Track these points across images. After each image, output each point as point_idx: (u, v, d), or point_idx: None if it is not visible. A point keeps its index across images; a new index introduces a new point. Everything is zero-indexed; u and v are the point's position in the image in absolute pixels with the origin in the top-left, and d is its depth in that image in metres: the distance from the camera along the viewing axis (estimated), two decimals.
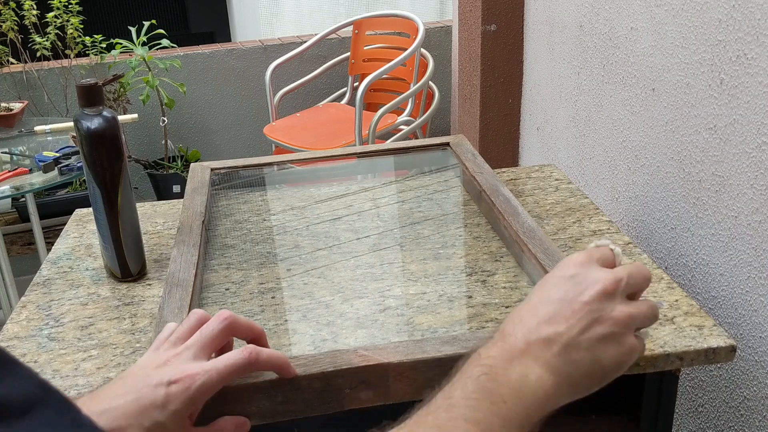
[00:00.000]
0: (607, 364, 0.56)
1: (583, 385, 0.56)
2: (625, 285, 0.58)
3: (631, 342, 0.58)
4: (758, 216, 0.99)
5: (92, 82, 0.89)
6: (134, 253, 0.96)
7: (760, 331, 1.01)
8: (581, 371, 0.55)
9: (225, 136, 3.39)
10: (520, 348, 0.55)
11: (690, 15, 1.10)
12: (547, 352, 0.55)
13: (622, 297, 0.58)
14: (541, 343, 0.55)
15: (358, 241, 1.02)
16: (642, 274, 0.60)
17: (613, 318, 0.57)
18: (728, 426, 1.11)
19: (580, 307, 0.56)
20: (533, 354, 0.55)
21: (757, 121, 0.97)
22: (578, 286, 0.57)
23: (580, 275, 0.58)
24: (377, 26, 3.17)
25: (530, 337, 0.55)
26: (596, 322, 0.56)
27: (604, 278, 0.58)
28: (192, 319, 0.64)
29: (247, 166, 1.22)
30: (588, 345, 0.56)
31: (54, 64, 3.10)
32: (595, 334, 0.56)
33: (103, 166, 0.90)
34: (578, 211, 1.09)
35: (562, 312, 0.56)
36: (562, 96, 1.64)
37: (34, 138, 2.39)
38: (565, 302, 0.57)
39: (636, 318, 0.58)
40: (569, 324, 0.56)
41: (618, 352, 0.57)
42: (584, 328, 0.56)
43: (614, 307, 0.57)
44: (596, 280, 0.58)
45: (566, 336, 0.55)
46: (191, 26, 8.91)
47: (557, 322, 0.56)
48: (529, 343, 0.55)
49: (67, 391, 0.75)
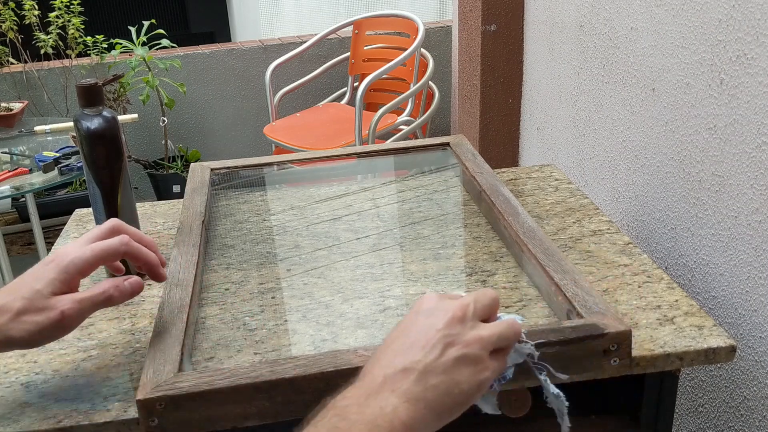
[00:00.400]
0: (465, 385, 0.58)
1: (444, 408, 0.57)
2: (473, 309, 0.61)
3: (487, 363, 0.60)
4: (758, 216, 0.99)
5: (92, 82, 0.89)
6: None
7: (760, 331, 1.01)
8: (440, 395, 0.57)
9: (225, 136, 3.39)
10: (378, 383, 0.57)
11: (690, 15, 1.10)
12: (405, 382, 0.56)
13: (474, 321, 0.61)
14: (399, 374, 0.57)
15: (358, 241, 1.02)
16: (488, 296, 0.64)
17: (465, 341, 0.59)
18: (728, 426, 1.11)
19: (433, 335, 0.59)
20: (390, 387, 0.56)
21: (757, 121, 0.97)
22: (430, 318, 0.60)
23: (431, 308, 0.61)
24: (377, 26, 3.16)
25: (387, 371, 0.57)
26: (450, 346, 0.58)
27: (454, 306, 0.61)
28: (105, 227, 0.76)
29: (247, 166, 1.22)
30: (444, 369, 0.57)
31: (54, 64, 3.10)
32: (449, 357, 0.58)
33: (103, 166, 0.90)
34: (578, 211, 1.09)
35: (417, 342, 0.59)
36: (562, 96, 1.64)
37: (34, 138, 2.39)
38: (420, 333, 0.59)
39: (488, 338, 0.60)
40: (424, 351, 0.58)
41: (474, 372, 0.59)
42: (439, 353, 0.58)
43: (466, 331, 0.60)
44: (447, 308, 0.61)
45: (422, 363, 0.57)
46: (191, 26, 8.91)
47: (413, 352, 0.58)
48: (386, 377, 0.57)
49: (67, 391, 0.76)
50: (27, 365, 0.80)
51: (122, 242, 0.74)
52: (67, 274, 0.70)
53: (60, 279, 0.70)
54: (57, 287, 0.70)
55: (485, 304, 0.63)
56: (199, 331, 0.83)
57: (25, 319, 0.68)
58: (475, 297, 0.63)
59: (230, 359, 0.77)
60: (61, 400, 0.74)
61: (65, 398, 0.74)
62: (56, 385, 0.76)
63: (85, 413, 0.72)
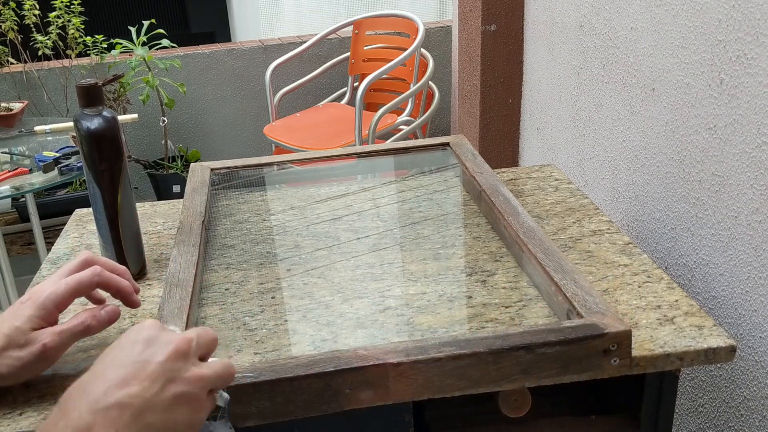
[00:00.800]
0: (181, 425, 0.55)
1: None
2: (196, 345, 0.59)
3: (204, 402, 0.58)
4: (758, 216, 0.99)
5: (92, 82, 0.89)
6: (134, 253, 0.96)
7: (760, 331, 1.01)
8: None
9: (225, 136, 3.39)
10: (86, 422, 0.51)
11: (690, 15, 1.10)
12: (119, 420, 0.52)
13: (195, 357, 0.58)
14: (113, 410, 0.52)
15: (358, 241, 1.02)
16: (209, 335, 0.61)
17: (187, 378, 0.56)
18: (728, 426, 1.11)
19: (155, 367, 0.55)
20: (102, 425, 0.51)
21: (757, 121, 0.97)
22: (152, 348, 0.56)
23: (153, 337, 0.57)
24: (377, 26, 3.17)
25: (98, 406, 0.52)
26: (171, 382, 0.55)
27: (177, 339, 0.58)
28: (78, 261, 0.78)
29: (247, 166, 1.22)
30: (164, 407, 0.54)
31: (54, 64, 3.10)
32: (170, 394, 0.55)
33: (103, 166, 0.90)
34: (578, 211, 1.09)
35: (137, 373, 0.54)
36: (562, 96, 1.64)
37: (34, 138, 2.39)
38: (139, 363, 0.55)
39: (209, 378, 0.58)
40: (143, 386, 0.54)
41: (191, 411, 0.56)
42: (160, 388, 0.54)
43: (188, 367, 0.57)
44: (169, 341, 0.57)
45: (140, 398, 0.53)
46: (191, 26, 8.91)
47: (131, 384, 0.53)
48: (95, 414, 0.51)
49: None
50: None
51: (95, 273, 0.76)
52: (45, 310, 0.72)
53: (38, 315, 0.72)
54: (36, 323, 0.72)
55: (206, 343, 0.60)
56: None
57: (7, 354, 0.70)
58: (198, 333, 0.60)
59: (230, 359, 0.77)
60: None
61: None
62: (56, 386, 0.76)
63: None
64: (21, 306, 0.73)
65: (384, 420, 0.75)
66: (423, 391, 0.70)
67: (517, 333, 0.72)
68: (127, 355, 0.56)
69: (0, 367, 0.70)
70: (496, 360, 0.70)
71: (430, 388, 0.70)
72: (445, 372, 0.70)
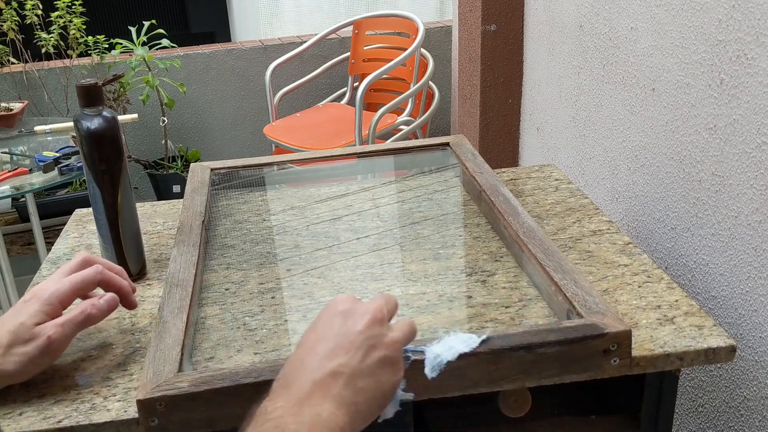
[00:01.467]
0: (386, 387, 0.60)
1: (369, 411, 0.59)
2: (387, 311, 0.63)
3: (401, 363, 0.62)
4: (758, 216, 0.99)
5: (92, 82, 0.89)
6: (134, 253, 0.96)
7: (760, 331, 1.01)
8: (367, 397, 0.58)
9: (225, 136, 3.38)
10: (307, 390, 0.56)
11: (690, 15, 1.10)
12: (335, 387, 0.57)
13: (388, 323, 0.63)
14: (327, 379, 0.57)
15: (358, 241, 1.02)
16: (393, 300, 0.66)
17: (385, 343, 0.61)
18: (728, 426, 1.11)
19: (356, 337, 0.60)
20: (321, 392, 0.56)
21: (757, 121, 0.97)
22: (350, 320, 0.61)
23: (349, 310, 0.62)
24: (377, 26, 3.16)
25: (315, 376, 0.57)
26: (373, 349, 0.60)
27: (372, 308, 0.62)
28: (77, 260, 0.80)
29: (247, 166, 1.22)
30: (370, 372, 0.59)
31: (54, 64, 3.10)
32: (374, 359, 0.59)
33: (103, 166, 0.90)
34: (578, 211, 1.09)
35: (341, 344, 0.59)
36: (562, 96, 1.64)
37: (34, 138, 2.39)
38: (342, 335, 0.60)
39: (401, 340, 0.63)
40: (349, 355, 0.59)
41: (392, 372, 0.61)
42: (364, 355, 0.59)
43: (385, 333, 0.61)
44: (365, 311, 0.62)
45: (349, 366, 0.58)
46: (191, 26, 8.91)
47: (338, 355, 0.58)
48: (315, 383, 0.57)
49: (67, 391, 0.76)
50: None
51: (97, 271, 0.78)
52: (50, 305, 0.74)
53: (42, 310, 0.74)
54: (40, 318, 0.73)
55: (392, 307, 0.65)
56: (199, 331, 0.83)
57: (13, 351, 0.71)
58: (385, 299, 0.64)
59: (230, 359, 0.77)
60: (61, 400, 0.74)
61: (65, 398, 0.74)
62: (56, 385, 0.76)
63: (85, 413, 0.72)
64: (25, 304, 0.74)
65: (384, 420, 0.75)
66: (423, 391, 0.70)
67: (517, 333, 0.72)
68: (329, 330, 0.61)
69: (7, 365, 0.71)
70: (496, 360, 0.70)
71: (430, 388, 0.70)
72: (445, 372, 0.70)
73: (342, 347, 0.59)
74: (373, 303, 0.63)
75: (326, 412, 0.55)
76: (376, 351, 0.60)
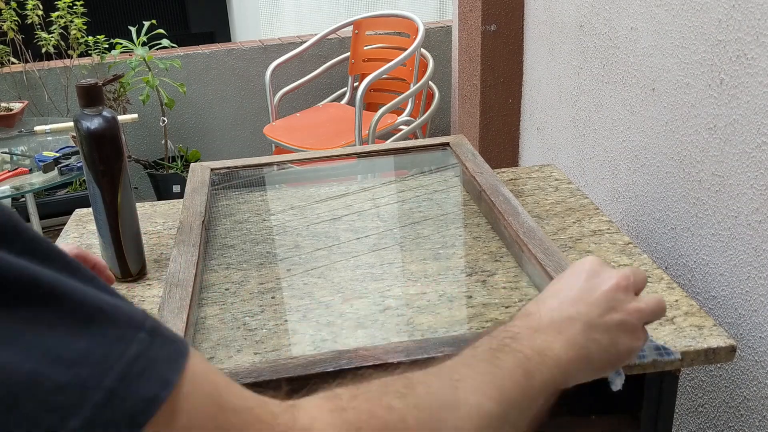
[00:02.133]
0: (621, 348, 0.61)
1: (598, 364, 0.60)
2: (633, 282, 0.64)
3: (640, 333, 0.63)
4: (758, 216, 0.99)
5: (92, 82, 0.89)
6: (134, 253, 0.96)
7: (760, 331, 1.01)
8: (599, 350, 0.59)
9: (225, 136, 3.38)
10: (545, 322, 0.59)
11: (690, 15, 1.10)
12: (570, 329, 0.59)
13: (632, 292, 0.64)
14: (565, 321, 0.59)
15: (358, 241, 1.02)
16: (642, 274, 0.66)
17: (627, 309, 0.62)
18: (728, 426, 1.11)
19: (600, 295, 0.62)
20: (556, 328, 0.58)
21: (757, 121, 0.97)
22: (596, 279, 0.63)
23: (596, 270, 0.64)
24: (377, 26, 3.16)
25: (553, 314, 0.60)
26: (613, 310, 0.61)
27: (618, 274, 0.64)
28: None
29: (247, 166, 1.22)
30: (606, 328, 0.60)
31: (54, 64, 3.09)
32: (613, 319, 0.61)
33: (103, 166, 0.90)
34: (578, 211, 1.09)
35: (583, 297, 0.61)
36: (562, 96, 1.64)
37: (34, 138, 2.39)
38: (585, 290, 0.62)
39: (645, 312, 0.63)
40: (590, 307, 0.60)
41: (630, 338, 0.62)
42: (603, 312, 0.60)
43: (628, 299, 0.63)
44: (611, 275, 0.64)
45: (587, 316, 0.60)
46: (191, 26, 8.91)
47: (579, 305, 0.61)
48: (552, 320, 0.59)
49: None
50: None
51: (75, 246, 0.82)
52: None
53: None
54: None
55: (640, 281, 0.66)
56: (199, 331, 0.83)
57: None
58: (633, 271, 0.65)
59: (230, 359, 0.77)
60: None
61: None
62: None
63: None
64: None
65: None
66: None
67: None
68: (575, 282, 0.63)
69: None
70: None
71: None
72: None
73: (583, 300, 0.61)
74: (621, 271, 0.65)
75: (558, 343, 0.57)
76: (615, 313, 0.61)
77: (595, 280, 0.63)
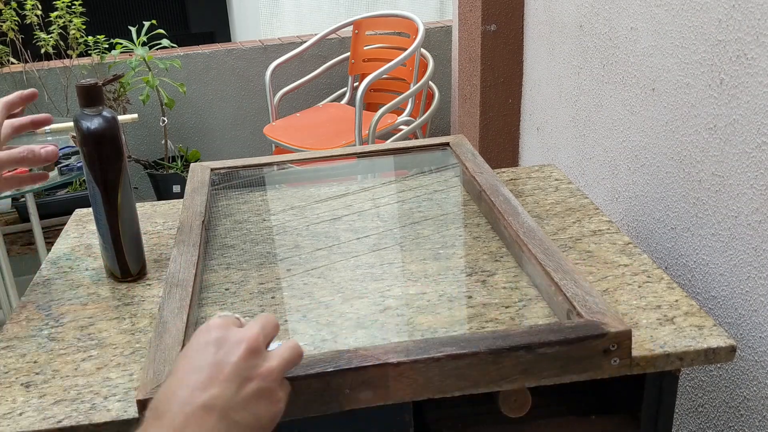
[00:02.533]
0: (264, 419, 0.57)
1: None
2: (264, 337, 0.60)
3: (280, 394, 0.59)
4: (758, 216, 0.99)
5: (92, 82, 0.89)
6: (134, 253, 0.96)
7: (760, 331, 1.01)
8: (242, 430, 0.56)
9: (225, 136, 3.38)
10: (179, 423, 0.54)
11: (690, 15, 1.10)
12: (209, 420, 0.54)
13: (265, 350, 0.60)
14: (200, 412, 0.54)
15: (358, 241, 1.02)
16: (272, 323, 0.62)
17: (261, 374, 0.58)
18: (728, 426, 1.11)
19: (232, 369, 0.57)
20: (194, 426, 0.54)
21: (757, 121, 0.97)
22: (224, 349, 0.58)
23: (223, 339, 0.59)
24: (377, 26, 3.16)
25: (186, 408, 0.54)
26: (247, 380, 0.57)
27: (247, 337, 0.59)
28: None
29: (247, 166, 1.22)
30: (245, 404, 0.56)
31: (54, 64, 3.09)
32: (250, 391, 0.57)
33: (103, 166, 0.90)
34: (578, 211, 1.09)
35: (214, 375, 0.56)
36: (562, 96, 1.64)
37: (34, 138, 2.39)
38: (215, 366, 0.57)
39: (278, 369, 0.59)
40: (223, 386, 0.56)
41: (270, 404, 0.58)
42: (238, 387, 0.56)
43: (261, 363, 0.58)
44: (239, 340, 0.58)
45: (223, 399, 0.55)
46: (191, 26, 8.91)
47: (212, 387, 0.56)
48: (187, 416, 0.54)
49: (67, 391, 0.76)
50: (27, 365, 0.80)
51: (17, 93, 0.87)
52: None
53: None
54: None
55: (270, 331, 0.61)
56: None
57: None
58: (262, 325, 0.61)
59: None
60: (61, 400, 0.74)
61: (65, 398, 0.74)
62: (56, 385, 0.76)
63: (85, 413, 0.72)
64: None
65: (384, 420, 0.75)
66: (423, 391, 0.70)
67: (517, 333, 0.72)
68: (203, 358, 0.57)
69: None
70: (496, 360, 0.70)
71: (430, 388, 0.70)
72: (445, 372, 0.70)
73: (215, 379, 0.56)
74: (249, 330, 0.60)
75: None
76: (251, 383, 0.57)
77: (223, 351, 0.57)
